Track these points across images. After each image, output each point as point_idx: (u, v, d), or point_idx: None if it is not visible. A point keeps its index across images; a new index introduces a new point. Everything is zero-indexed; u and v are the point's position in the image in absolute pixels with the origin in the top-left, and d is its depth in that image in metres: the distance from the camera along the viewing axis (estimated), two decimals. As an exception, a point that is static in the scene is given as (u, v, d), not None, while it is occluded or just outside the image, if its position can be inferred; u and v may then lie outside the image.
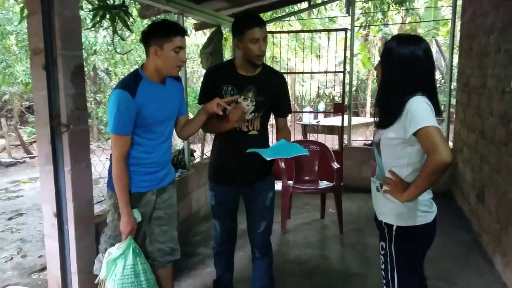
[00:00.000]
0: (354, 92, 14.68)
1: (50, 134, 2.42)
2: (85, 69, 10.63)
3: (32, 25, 2.36)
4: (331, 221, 4.48)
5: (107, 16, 3.45)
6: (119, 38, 3.75)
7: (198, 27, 5.49)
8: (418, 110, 1.65)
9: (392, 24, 13.25)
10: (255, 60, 2.27)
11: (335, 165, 4.36)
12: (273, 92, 2.39)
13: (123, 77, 2.54)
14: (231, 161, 2.41)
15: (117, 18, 3.49)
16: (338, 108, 5.95)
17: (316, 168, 4.53)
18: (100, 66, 12.12)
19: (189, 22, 6.92)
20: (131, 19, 3.69)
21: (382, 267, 1.93)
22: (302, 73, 8.23)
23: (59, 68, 2.36)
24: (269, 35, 7.72)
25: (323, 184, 4.41)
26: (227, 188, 2.49)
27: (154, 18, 4.47)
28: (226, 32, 6.58)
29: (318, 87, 10.36)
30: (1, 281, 3.44)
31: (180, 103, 2.34)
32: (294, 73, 12.15)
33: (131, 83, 2.06)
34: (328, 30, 6.90)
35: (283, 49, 10.16)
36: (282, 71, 9.40)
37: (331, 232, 4.26)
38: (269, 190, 2.51)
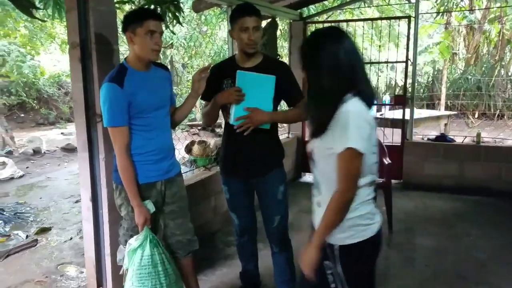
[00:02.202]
0: (430, 83, 13.84)
1: (86, 123, 2.57)
2: (162, 62, 11.28)
3: (70, 20, 2.50)
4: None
5: (158, 10, 3.57)
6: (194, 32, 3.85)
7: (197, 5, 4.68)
8: (351, 124, 1.47)
9: (478, 9, 12.27)
10: (246, 49, 2.28)
11: (387, 160, 4.14)
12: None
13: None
14: (239, 154, 2.41)
15: (168, 12, 3.62)
16: (398, 100, 5.64)
17: (368, 163, 4.33)
18: (176, 59, 12.64)
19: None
20: (182, 13, 3.79)
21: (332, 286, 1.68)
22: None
23: (93, 61, 2.49)
24: (345, 24, 7.58)
25: (374, 180, 4.20)
26: (238, 181, 2.49)
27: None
28: (285, 23, 6.53)
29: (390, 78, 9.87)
30: (57, 259, 3.74)
31: (170, 91, 2.36)
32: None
33: (117, 75, 2.09)
34: (389, 18, 6.52)
35: (359, 38, 9.87)
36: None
37: (379, 230, 4.06)
38: (280, 183, 2.46)
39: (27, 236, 4.27)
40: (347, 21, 8.39)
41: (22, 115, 13.98)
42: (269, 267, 2.73)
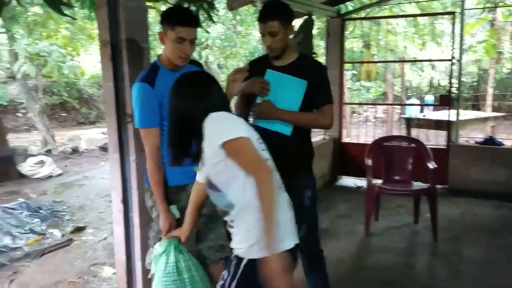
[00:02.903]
0: (475, 83, 13.25)
1: (117, 124, 2.50)
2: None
3: (100, 17, 2.44)
4: (425, 227, 4.01)
5: (192, 8, 3.50)
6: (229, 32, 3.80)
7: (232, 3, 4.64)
8: (213, 128, 1.55)
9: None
10: (269, 53, 2.22)
11: (432, 164, 3.89)
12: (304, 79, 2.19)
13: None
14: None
15: (201, 10, 3.54)
16: (444, 101, 5.35)
17: (410, 167, 4.10)
18: (212, 60, 12.66)
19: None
20: (216, 12, 3.70)
21: None
22: (403, 61, 7.59)
23: (123, 59, 2.42)
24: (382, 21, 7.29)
25: (417, 185, 3.97)
26: None
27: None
28: (322, 20, 6.34)
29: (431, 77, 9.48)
30: (91, 259, 3.73)
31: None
32: (395, 61, 11.26)
33: (148, 74, 2.03)
34: (433, 14, 6.21)
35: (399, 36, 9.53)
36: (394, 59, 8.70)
37: (422, 239, 3.82)
38: (307, 188, 2.28)
39: (62, 235, 4.29)
40: (386, 17, 8.10)
41: (64, 114, 14.44)
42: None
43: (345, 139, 5.91)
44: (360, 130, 5.59)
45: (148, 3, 2.77)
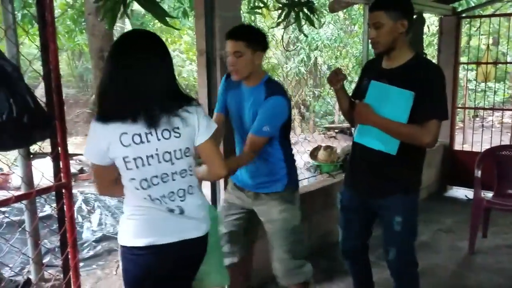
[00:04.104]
0: None
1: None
2: (306, 64, 11.41)
3: (198, 28, 2.61)
4: (545, 249, 3.55)
5: (292, 13, 3.58)
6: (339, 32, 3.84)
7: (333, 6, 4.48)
8: None
9: None
10: (373, 47, 2.06)
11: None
12: (411, 88, 1.93)
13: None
14: (360, 166, 2.18)
15: (301, 15, 3.59)
16: None
17: (528, 180, 3.66)
18: (321, 61, 12.63)
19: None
20: (316, 15, 3.72)
21: None
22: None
23: (217, 67, 2.57)
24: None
25: (536, 201, 3.53)
26: (351, 193, 2.26)
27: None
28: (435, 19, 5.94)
29: None
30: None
31: (252, 115, 2.13)
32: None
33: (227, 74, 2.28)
34: None
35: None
36: None
37: (538, 263, 3.38)
38: (397, 213, 2.08)
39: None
40: (507, 15, 7.34)
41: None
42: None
43: (461, 146, 5.44)
44: (481, 136, 5.08)
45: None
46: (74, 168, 6.99)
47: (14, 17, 1.89)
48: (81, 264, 3.41)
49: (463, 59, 6.76)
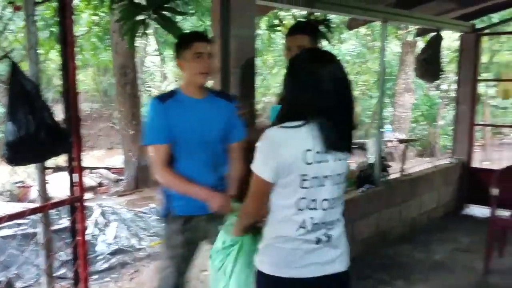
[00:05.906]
0: None
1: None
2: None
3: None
4: None
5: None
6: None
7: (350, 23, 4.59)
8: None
9: None
10: None
11: None
12: None
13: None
14: None
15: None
16: None
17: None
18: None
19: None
20: (331, 32, 3.79)
21: None
22: None
23: (231, 84, 2.64)
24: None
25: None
26: None
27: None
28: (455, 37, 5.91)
29: None
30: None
31: (229, 125, 2.12)
32: None
33: (164, 95, 2.09)
34: None
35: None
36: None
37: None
38: None
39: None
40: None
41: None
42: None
43: (481, 164, 5.34)
44: (502, 154, 4.99)
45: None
46: (94, 181, 7.16)
47: (36, 39, 1.99)
48: (95, 276, 3.48)
49: (487, 75, 6.68)
